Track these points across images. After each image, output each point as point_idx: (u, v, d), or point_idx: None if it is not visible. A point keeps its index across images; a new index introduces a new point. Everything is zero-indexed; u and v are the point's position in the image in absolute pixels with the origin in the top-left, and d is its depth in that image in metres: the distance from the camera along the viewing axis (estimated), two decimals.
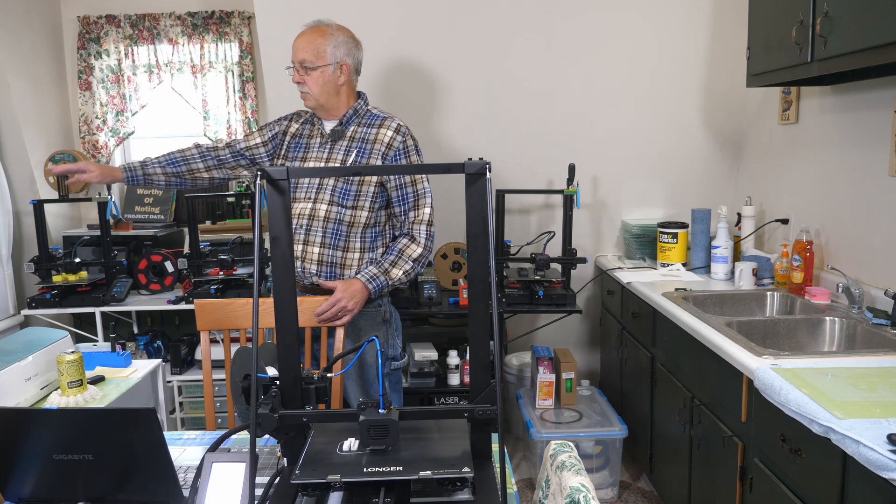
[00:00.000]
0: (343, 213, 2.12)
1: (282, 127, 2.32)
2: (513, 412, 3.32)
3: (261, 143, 2.33)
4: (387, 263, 2.14)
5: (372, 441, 1.19)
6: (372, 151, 2.16)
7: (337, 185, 2.12)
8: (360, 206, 2.13)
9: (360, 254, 2.16)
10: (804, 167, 2.76)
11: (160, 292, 3.27)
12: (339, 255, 2.15)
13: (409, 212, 2.18)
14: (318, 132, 2.23)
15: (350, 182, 2.12)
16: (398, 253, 2.15)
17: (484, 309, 1.22)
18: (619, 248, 3.51)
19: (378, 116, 2.22)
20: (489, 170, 1.15)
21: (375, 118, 2.21)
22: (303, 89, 2.15)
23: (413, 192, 2.17)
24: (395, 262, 2.14)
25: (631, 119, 3.35)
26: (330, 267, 2.14)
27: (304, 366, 1.89)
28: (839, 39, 1.92)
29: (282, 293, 1.26)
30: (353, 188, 2.12)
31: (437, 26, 3.23)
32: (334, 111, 2.20)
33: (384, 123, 2.18)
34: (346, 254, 2.15)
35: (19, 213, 3.46)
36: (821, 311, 2.28)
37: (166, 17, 3.60)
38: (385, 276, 2.12)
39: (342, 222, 2.13)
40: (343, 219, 2.12)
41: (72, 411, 1.41)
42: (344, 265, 2.15)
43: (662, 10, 3.23)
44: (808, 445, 1.55)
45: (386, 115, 2.22)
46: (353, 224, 2.14)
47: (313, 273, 2.14)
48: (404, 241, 2.17)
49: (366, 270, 2.12)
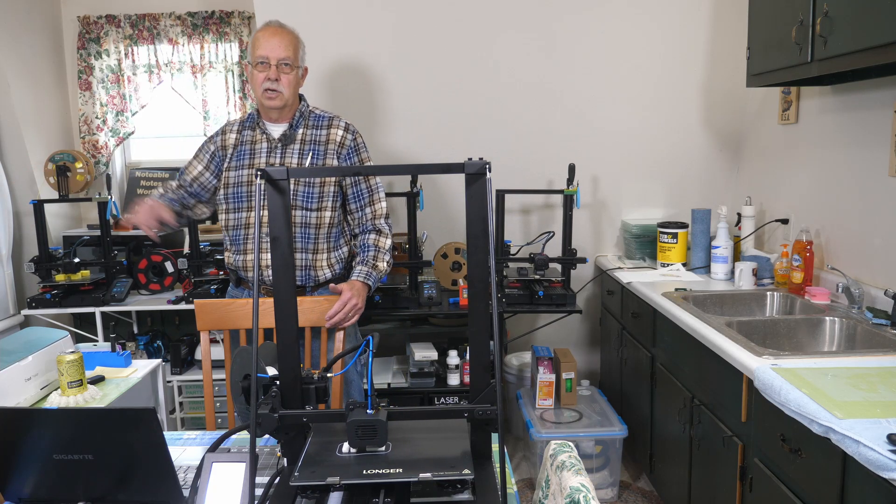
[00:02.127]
0: (308, 215, 2.14)
1: (216, 144, 2.25)
2: (513, 412, 3.32)
3: (203, 169, 2.26)
4: (371, 259, 2.18)
5: (360, 441, 1.19)
6: (327, 152, 2.19)
7: (297, 189, 2.13)
8: (324, 207, 2.16)
9: (327, 254, 2.20)
10: (804, 167, 2.76)
11: (160, 292, 3.27)
12: (311, 257, 2.17)
13: (365, 208, 2.22)
14: (264, 137, 2.19)
15: (311, 185, 2.14)
16: (375, 248, 2.20)
17: (484, 309, 1.22)
18: (619, 248, 3.51)
19: (324, 117, 2.24)
20: (489, 170, 1.15)
21: (322, 119, 2.23)
22: (276, 87, 2.11)
23: (367, 188, 2.22)
24: (377, 257, 2.20)
25: (631, 119, 3.35)
26: (304, 270, 2.17)
27: (304, 366, 1.89)
28: (839, 39, 1.92)
29: (282, 293, 1.26)
30: (316, 190, 2.14)
31: (437, 26, 3.23)
32: (287, 113, 2.19)
33: (333, 123, 2.22)
34: (317, 255, 2.18)
35: (19, 213, 3.46)
36: (821, 311, 2.28)
37: (166, 17, 3.60)
38: (375, 271, 2.17)
39: (309, 225, 2.15)
40: (310, 221, 2.15)
41: (72, 411, 1.41)
42: (316, 267, 2.18)
43: (662, 11, 3.23)
44: (808, 445, 1.55)
45: (331, 115, 2.25)
46: (319, 226, 2.16)
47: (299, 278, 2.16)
48: (373, 237, 2.21)
49: (358, 270, 2.15)
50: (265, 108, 2.17)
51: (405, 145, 3.34)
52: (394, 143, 3.35)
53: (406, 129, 3.34)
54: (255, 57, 2.12)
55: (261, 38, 2.12)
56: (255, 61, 2.12)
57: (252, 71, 2.14)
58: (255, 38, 2.14)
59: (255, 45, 2.13)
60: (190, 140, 3.81)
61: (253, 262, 2.14)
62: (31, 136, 3.44)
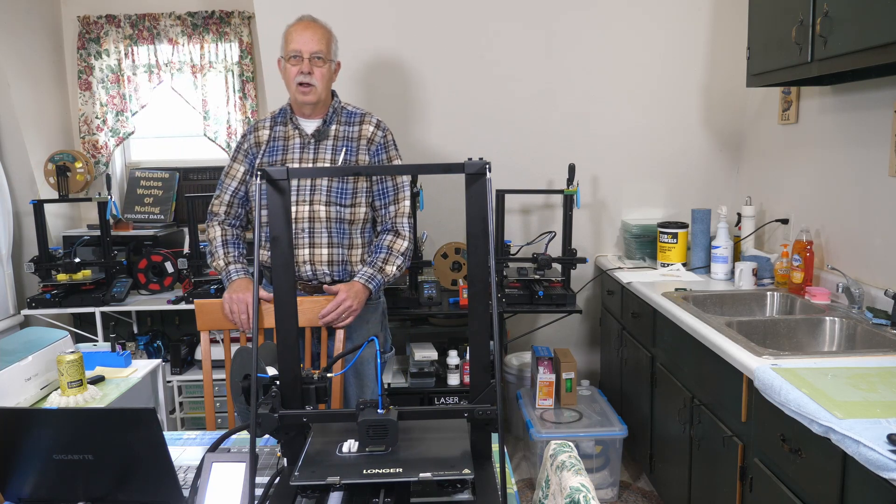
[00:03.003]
0: (343, 211, 2.13)
1: (249, 141, 2.22)
2: (513, 412, 3.32)
3: (245, 171, 2.22)
4: (379, 262, 2.15)
5: (371, 441, 1.19)
6: (359, 148, 2.18)
7: (332, 185, 2.12)
8: (358, 203, 2.16)
9: (361, 249, 2.20)
10: (804, 167, 2.76)
11: (160, 292, 3.27)
12: (346, 252, 2.17)
13: (389, 206, 2.20)
14: (297, 133, 2.18)
15: (346, 181, 2.13)
16: (387, 250, 2.17)
17: (484, 309, 1.22)
18: (619, 248, 3.51)
19: (356, 113, 2.23)
20: (489, 170, 1.15)
21: (354, 115, 2.22)
22: (310, 81, 2.09)
23: (393, 185, 2.20)
24: (387, 260, 2.16)
25: (631, 119, 3.35)
26: (341, 266, 2.16)
27: (305, 366, 1.89)
28: (839, 39, 1.92)
29: (282, 293, 1.26)
30: (350, 186, 2.14)
31: (437, 27, 3.23)
32: (320, 109, 2.18)
33: (364, 120, 2.21)
34: (352, 251, 2.18)
35: (19, 213, 3.46)
36: (821, 311, 2.28)
37: (166, 17, 3.60)
38: (381, 275, 2.14)
39: (343, 221, 2.14)
40: (344, 217, 2.14)
41: (72, 411, 1.41)
42: (352, 262, 2.18)
43: (663, 11, 3.23)
44: (808, 445, 1.55)
45: (363, 112, 2.24)
46: (353, 221, 2.16)
47: (327, 274, 2.15)
48: (389, 238, 2.19)
49: (362, 271, 2.13)
50: (298, 103, 2.15)
51: (404, 145, 3.34)
52: None
53: (405, 129, 3.34)
54: (287, 51, 2.11)
55: (293, 32, 2.11)
56: (288, 55, 2.10)
57: (285, 65, 2.13)
58: (287, 33, 2.13)
59: (288, 39, 2.12)
60: (190, 140, 3.82)
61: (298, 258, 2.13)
62: (31, 136, 3.44)
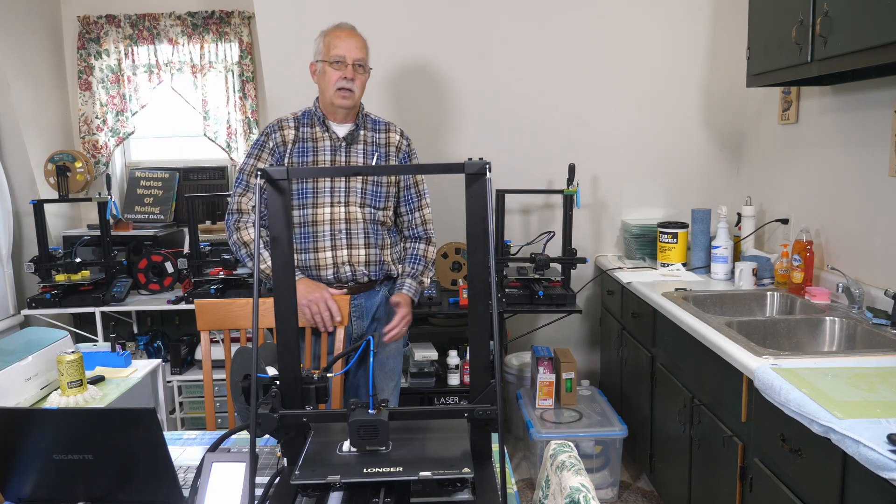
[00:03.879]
0: (376, 214, 2.20)
1: (275, 140, 2.20)
2: (513, 412, 3.32)
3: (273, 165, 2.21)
4: (419, 274, 2.27)
5: (362, 441, 1.19)
6: (388, 154, 2.25)
7: (366, 188, 2.18)
8: (388, 207, 2.23)
9: (391, 249, 2.27)
10: (804, 167, 2.76)
11: (160, 292, 3.27)
12: (381, 252, 2.23)
13: (415, 212, 2.28)
14: (328, 136, 2.20)
15: (378, 185, 2.19)
16: (424, 261, 2.29)
17: (484, 309, 1.22)
18: (619, 248, 3.51)
19: (380, 122, 2.29)
20: (489, 170, 1.15)
21: (379, 123, 2.28)
22: (351, 87, 2.12)
23: (416, 192, 2.29)
24: (424, 272, 2.29)
25: (631, 119, 3.35)
26: (378, 266, 2.22)
27: (305, 366, 1.89)
28: (839, 39, 1.92)
29: (282, 293, 1.26)
30: (383, 190, 2.20)
31: (438, 27, 3.23)
32: (352, 115, 2.22)
33: (390, 128, 2.29)
34: (384, 251, 2.24)
35: (19, 213, 3.46)
36: (821, 311, 2.28)
37: (166, 17, 3.60)
38: (421, 287, 2.28)
39: (377, 222, 2.21)
40: (378, 219, 2.21)
41: (72, 411, 1.41)
42: (387, 262, 2.25)
43: (663, 11, 3.23)
44: (808, 445, 1.55)
45: (387, 121, 2.31)
46: (384, 223, 2.23)
47: (365, 274, 2.20)
48: (423, 246, 2.31)
49: (409, 285, 2.23)
50: (334, 107, 2.16)
51: None
52: None
53: (406, 129, 3.33)
54: (330, 55, 2.13)
55: (337, 38, 2.15)
56: (332, 59, 2.13)
57: (325, 68, 2.14)
58: (330, 38, 2.15)
59: (331, 44, 2.14)
60: (190, 140, 3.82)
61: (324, 260, 2.16)
62: (31, 136, 3.45)
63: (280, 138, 2.20)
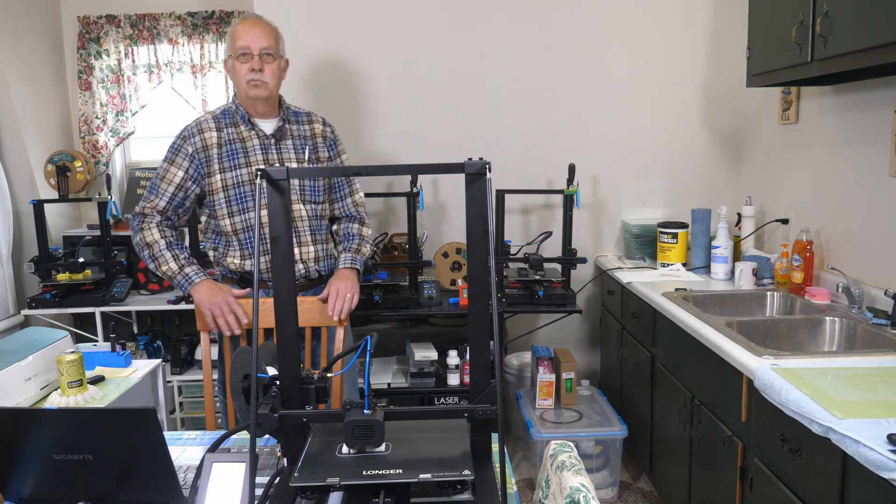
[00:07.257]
0: (317, 209, 2.22)
1: (194, 145, 2.11)
2: (513, 412, 3.32)
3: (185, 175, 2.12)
4: (354, 246, 2.26)
5: (357, 441, 1.19)
6: (317, 146, 2.25)
7: (304, 184, 2.19)
8: (325, 201, 2.25)
9: (332, 243, 2.32)
10: (804, 167, 2.75)
11: (160, 292, 3.27)
12: (327, 247, 2.27)
13: (346, 198, 2.31)
14: (254, 134, 2.15)
15: (315, 179, 2.21)
16: (359, 237, 2.29)
17: (484, 309, 1.22)
18: (619, 248, 3.51)
19: (301, 113, 2.28)
20: (489, 170, 1.15)
21: (300, 115, 2.27)
22: (261, 77, 2.08)
23: (346, 180, 2.32)
24: (361, 244, 2.29)
25: (631, 119, 3.35)
26: (326, 260, 2.26)
27: (304, 366, 1.89)
28: (839, 39, 1.92)
29: (282, 293, 1.26)
30: (320, 184, 2.22)
31: (437, 26, 3.23)
32: (272, 109, 2.19)
33: (312, 118, 2.28)
34: (328, 245, 2.28)
35: (19, 213, 3.45)
36: (821, 311, 2.28)
37: (166, 17, 3.59)
38: (360, 255, 2.26)
39: (319, 217, 2.23)
40: (319, 214, 2.23)
41: (72, 411, 1.41)
42: (332, 256, 2.28)
43: (663, 11, 3.23)
44: (808, 445, 1.55)
45: (307, 111, 2.30)
46: (323, 217, 2.25)
47: (317, 270, 2.23)
48: (357, 226, 2.32)
49: (343, 257, 2.22)
50: (250, 99, 2.12)
51: (404, 145, 3.34)
52: (390, 144, 3.35)
53: (405, 129, 3.34)
54: (235, 49, 2.09)
55: (241, 30, 2.10)
56: (237, 53, 2.09)
57: (234, 64, 2.11)
58: (234, 32, 2.11)
59: (235, 37, 2.10)
60: None
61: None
62: (31, 136, 3.44)
63: (200, 143, 2.12)
